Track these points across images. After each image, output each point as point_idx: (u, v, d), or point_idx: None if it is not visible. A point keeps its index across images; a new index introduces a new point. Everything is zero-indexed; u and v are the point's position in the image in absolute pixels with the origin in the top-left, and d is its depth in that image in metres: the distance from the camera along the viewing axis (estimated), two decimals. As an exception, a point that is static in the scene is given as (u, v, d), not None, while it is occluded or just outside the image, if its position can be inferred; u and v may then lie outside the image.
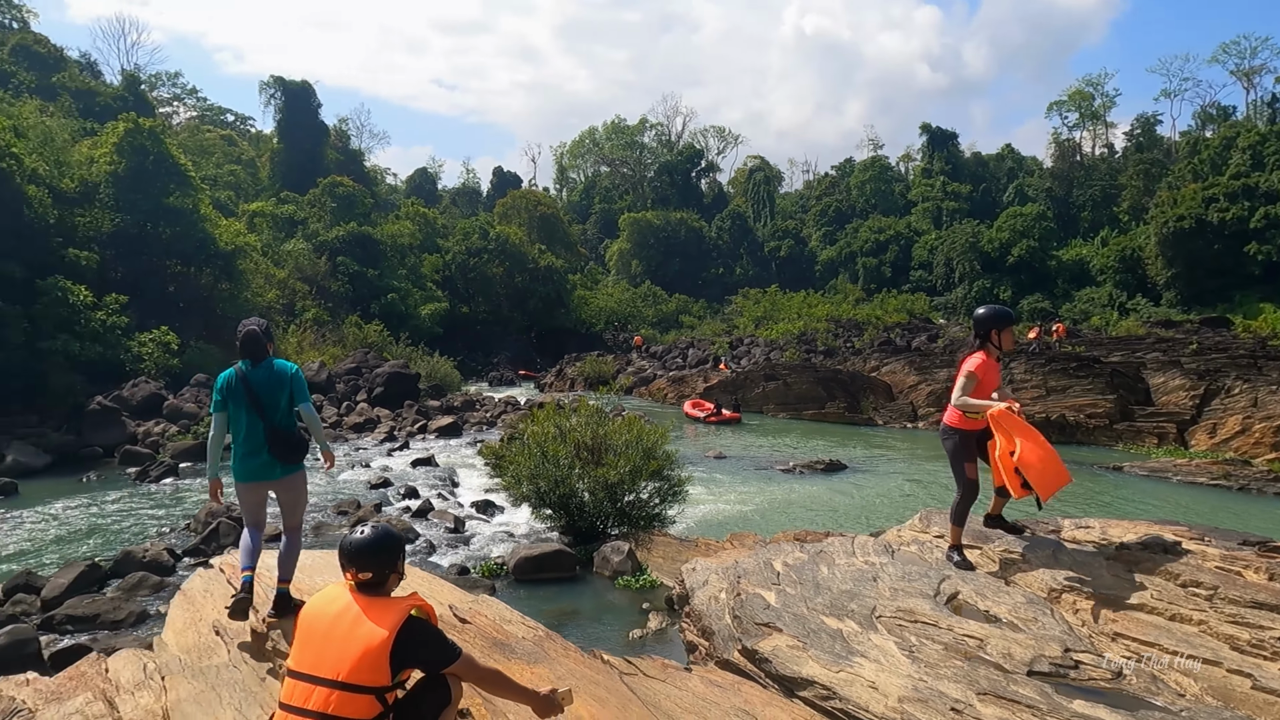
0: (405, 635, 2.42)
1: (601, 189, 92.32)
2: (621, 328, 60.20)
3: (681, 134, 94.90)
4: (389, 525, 2.62)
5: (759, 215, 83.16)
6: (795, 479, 18.35)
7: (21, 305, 22.19)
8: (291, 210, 41.12)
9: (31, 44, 45.90)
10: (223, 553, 12.82)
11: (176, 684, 2.99)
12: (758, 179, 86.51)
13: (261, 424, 4.19)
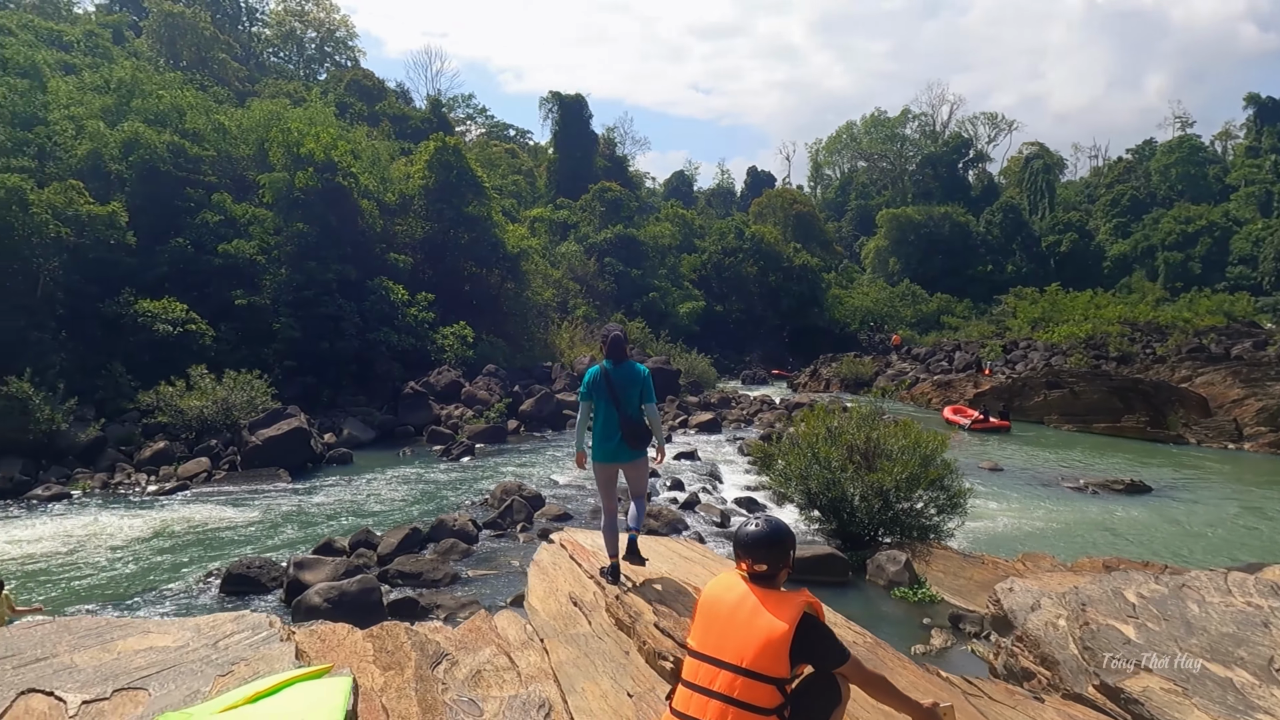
0: (803, 630, 2.48)
1: (858, 185, 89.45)
2: (877, 328, 58.02)
3: (947, 123, 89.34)
4: (779, 520, 2.70)
5: (1035, 207, 75.99)
6: (1089, 499, 16.55)
7: (355, 302, 25.94)
8: (565, 215, 44.28)
9: (361, 79, 53.55)
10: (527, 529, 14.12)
11: (555, 647, 3.32)
12: (1035, 167, 79.04)
13: (617, 414, 4.80)
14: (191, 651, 2.82)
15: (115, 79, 26.82)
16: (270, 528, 14.88)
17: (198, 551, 13.33)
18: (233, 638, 2.95)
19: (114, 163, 23.91)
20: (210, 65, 42.38)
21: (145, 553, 13.12)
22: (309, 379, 24.41)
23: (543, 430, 24.78)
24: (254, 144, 28.40)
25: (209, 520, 15.26)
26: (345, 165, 26.63)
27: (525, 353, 31.00)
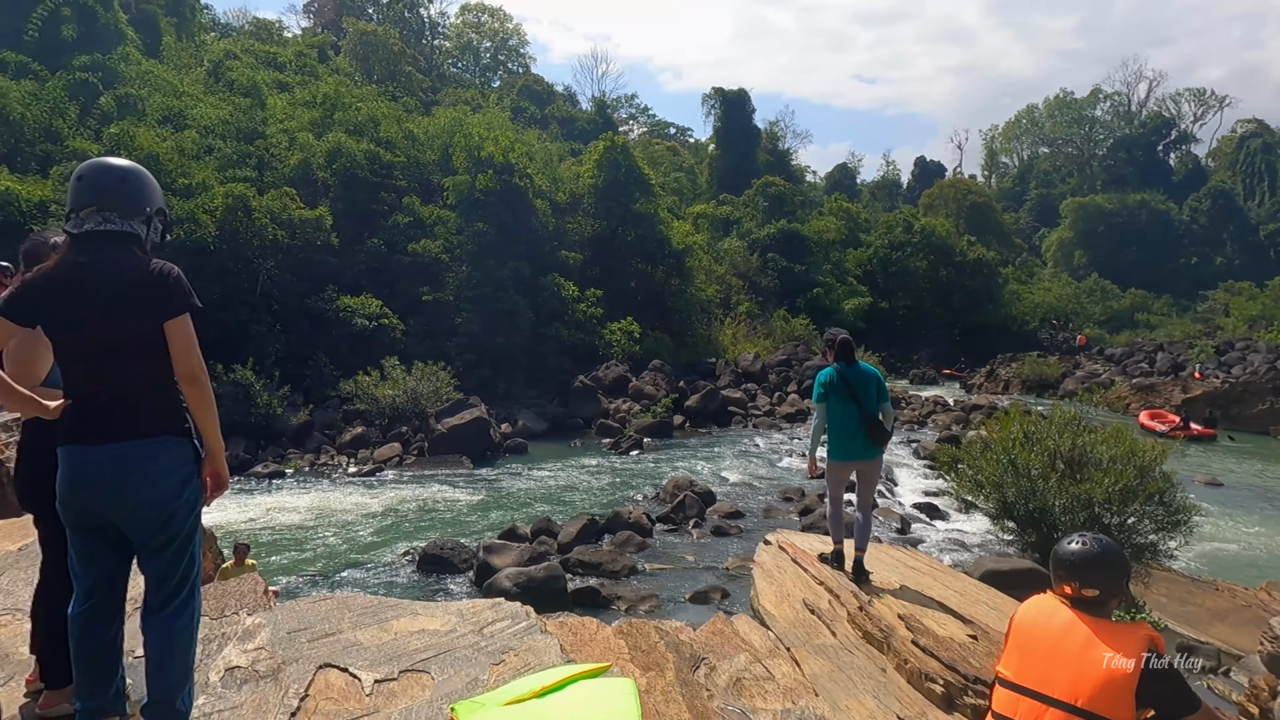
0: (1151, 670, 2.19)
1: (1039, 172, 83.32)
2: (1061, 326, 53.86)
3: (1145, 102, 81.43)
4: (1109, 540, 2.40)
5: (1252, 191, 67.89)
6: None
7: (528, 298, 26.96)
8: (729, 211, 44.06)
9: (531, 84, 55.72)
10: (700, 525, 14.13)
11: (805, 658, 3.19)
12: (1252, 147, 70.52)
13: (859, 412, 4.82)
14: (460, 637, 2.91)
15: (321, 94, 29.33)
16: (457, 512, 15.72)
17: (395, 530, 14.30)
18: (495, 625, 3.03)
19: (320, 170, 26.11)
20: (398, 78, 45.44)
21: (351, 528, 14.20)
22: (485, 371, 25.61)
23: (708, 426, 24.74)
24: (438, 149, 30.15)
25: (403, 501, 16.33)
26: (521, 167, 27.75)
27: (689, 349, 31.10)
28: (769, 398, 27.74)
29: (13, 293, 2.35)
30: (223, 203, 22.53)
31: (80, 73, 25.24)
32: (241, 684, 2.53)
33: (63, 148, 23.49)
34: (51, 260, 2.39)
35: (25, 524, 3.91)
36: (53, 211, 20.97)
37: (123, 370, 2.33)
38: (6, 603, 3.03)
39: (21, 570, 3.33)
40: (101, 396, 2.33)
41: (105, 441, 2.31)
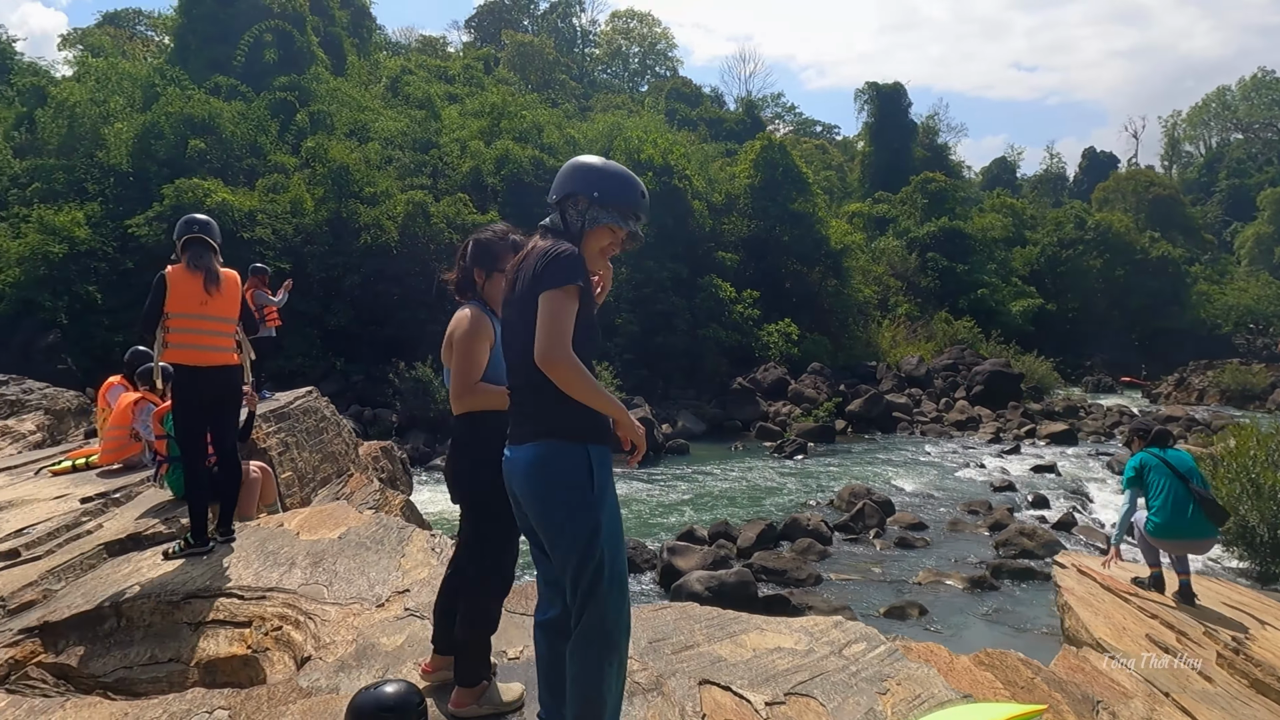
0: None
1: (1231, 161, 75.53)
2: (1260, 330, 48.59)
3: (1364, 78, 72.18)
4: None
5: None
6: None
7: (685, 299, 27.01)
8: (885, 209, 42.59)
9: (680, 87, 55.98)
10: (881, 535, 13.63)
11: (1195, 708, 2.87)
12: None
13: (1186, 490, 4.69)
14: (824, 659, 2.79)
15: (489, 104, 30.60)
16: (629, 511, 15.88)
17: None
18: (853, 647, 2.90)
19: (490, 177, 27.21)
20: (553, 86, 46.82)
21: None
22: (644, 371, 25.86)
23: (871, 432, 23.92)
24: (597, 153, 30.68)
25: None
26: (680, 168, 27.85)
27: (846, 351, 30.23)
28: (934, 403, 26.52)
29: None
30: (404, 209, 23.88)
31: (280, 92, 27.48)
32: (630, 696, 2.51)
33: (265, 161, 25.64)
34: (520, 256, 2.42)
35: (339, 512, 4.14)
36: (259, 220, 22.91)
37: (529, 366, 2.32)
38: (350, 591, 3.17)
39: (348, 558, 3.49)
40: (518, 395, 2.36)
41: (515, 444, 2.34)
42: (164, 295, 3.86)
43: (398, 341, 23.16)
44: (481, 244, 2.78)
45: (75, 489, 4.81)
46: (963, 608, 10.64)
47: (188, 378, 3.79)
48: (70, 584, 3.27)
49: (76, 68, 30.12)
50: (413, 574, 3.25)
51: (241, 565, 3.26)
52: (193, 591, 3.01)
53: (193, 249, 3.93)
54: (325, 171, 24.17)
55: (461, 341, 2.60)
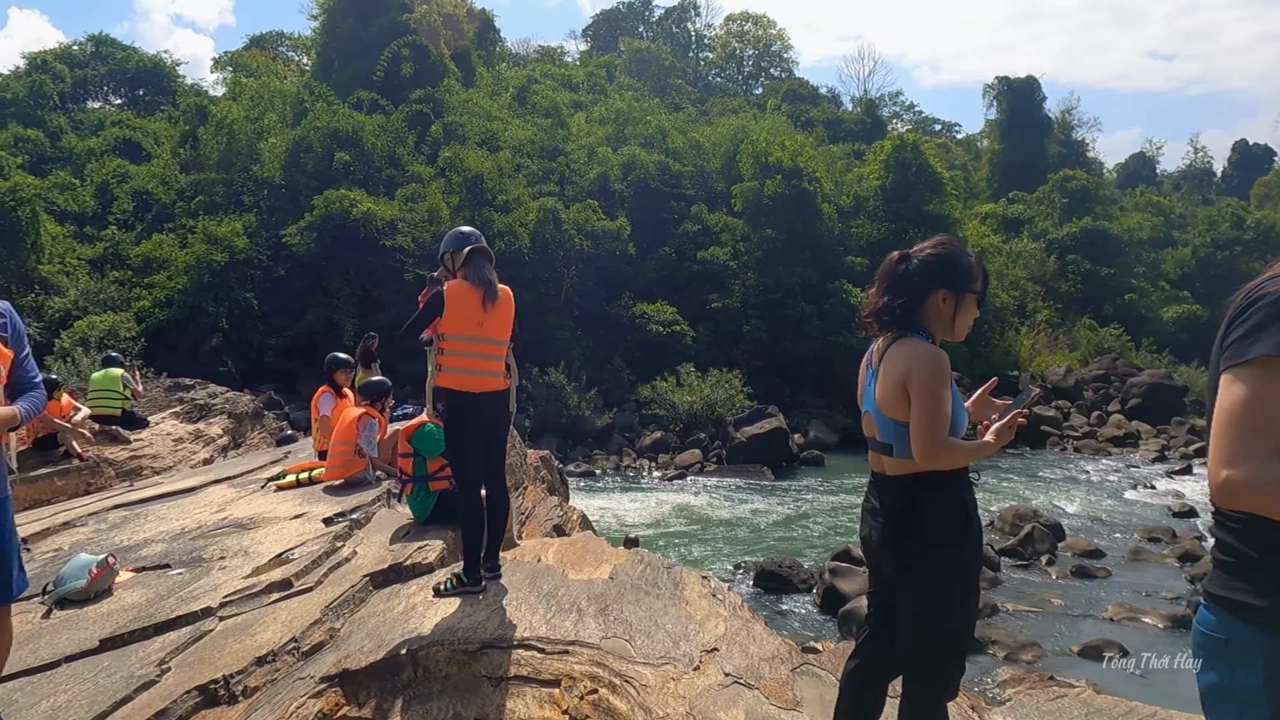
0: None
1: None
2: None
3: None
4: None
5: None
6: None
7: (814, 305, 26.23)
8: (1020, 209, 40.37)
9: (796, 88, 54.86)
10: (1054, 562, 12.66)
11: None
12: None
13: None
14: None
15: (614, 110, 30.71)
16: (775, 523, 15.40)
17: (720, 540, 14.24)
18: None
19: (617, 183, 27.26)
20: (669, 91, 46.70)
21: (677, 535, 14.34)
22: (772, 379, 25.26)
23: (1019, 448, 22.50)
24: (721, 157, 30.33)
25: (715, 509, 16.32)
26: (810, 170, 27.11)
27: (983, 360, 28.66)
28: (1085, 417, 24.78)
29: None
30: (536, 216, 24.15)
31: (416, 105, 28.38)
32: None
33: (403, 172, 26.49)
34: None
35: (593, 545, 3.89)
36: (400, 229, 23.63)
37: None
38: (655, 648, 2.82)
39: (632, 604, 3.19)
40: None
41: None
42: (440, 312, 3.62)
43: (529, 347, 23.29)
44: (947, 258, 2.27)
45: (309, 506, 4.78)
46: (1168, 649, 9.64)
47: (462, 405, 3.60)
48: (348, 621, 3.12)
49: (230, 88, 32.05)
50: (709, 628, 2.95)
51: (525, 610, 3.03)
52: (487, 641, 2.78)
53: (474, 261, 3.72)
54: (460, 180, 24.74)
55: (927, 384, 2.10)
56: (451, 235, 3.85)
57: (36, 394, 2.51)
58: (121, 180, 26.03)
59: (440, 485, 4.44)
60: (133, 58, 35.36)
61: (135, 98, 35.01)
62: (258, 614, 3.15)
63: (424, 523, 4.39)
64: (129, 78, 35.32)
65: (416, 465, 4.46)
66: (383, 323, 23.30)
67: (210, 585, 3.47)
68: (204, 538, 4.32)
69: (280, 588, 3.39)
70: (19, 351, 2.46)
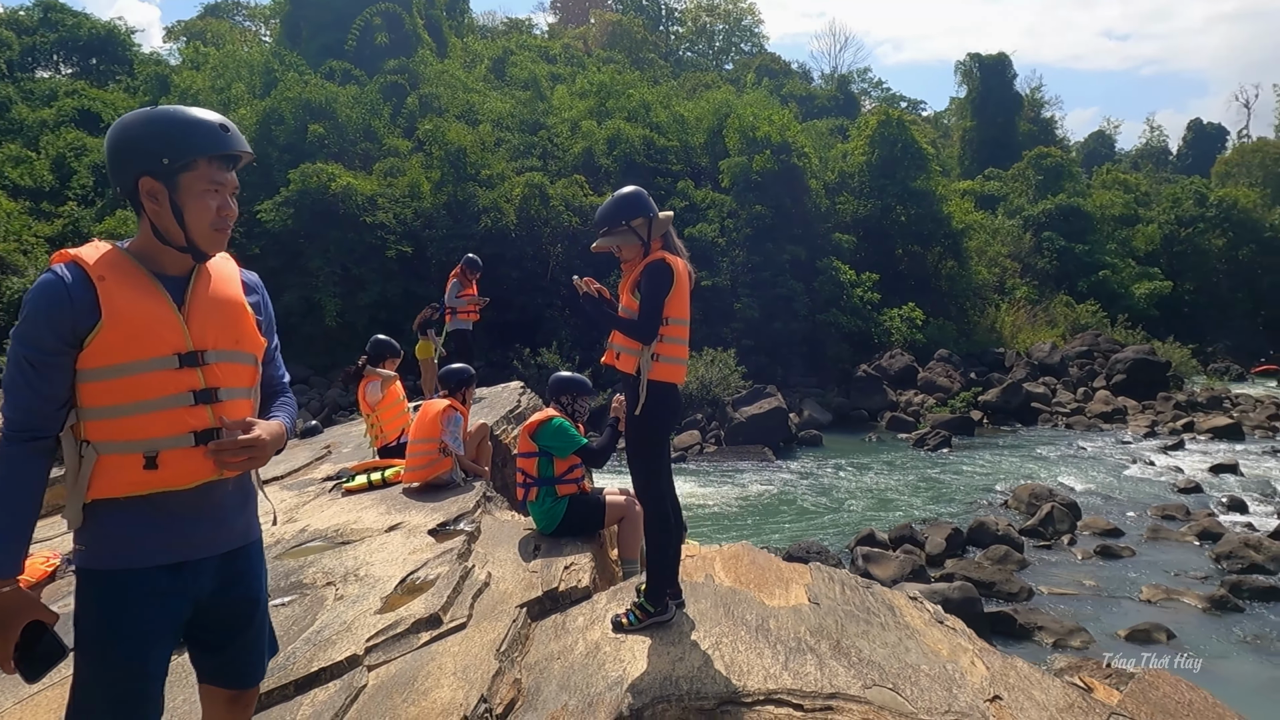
0: None
1: (1361, 130, 70.06)
2: None
3: None
4: None
5: None
6: None
7: (803, 283, 25.91)
8: (996, 187, 40.53)
9: (769, 63, 54.38)
10: (1075, 543, 12.53)
11: None
12: None
13: None
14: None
15: (595, 83, 29.84)
16: (786, 506, 15.10)
17: (734, 525, 13.87)
18: None
19: (602, 158, 26.50)
20: (644, 65, 45.80)
21: (690, 521, 13.92)
22: (763, 358, 24.93)
23: (1010, 424, 22.55)
24: (705, 132, 29.72)
25: (720, 492, 15.97)
26: (799, 146, 26.67)
27: (969, 337, 28.73)
28: (1071, 393, 24.95)
29: None
30: (522, 191, 23.36)
31: (391, 75, 27.23)
32: None
33: (380, 145, 25.42)
34: None
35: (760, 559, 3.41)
36: (380, 205, 22.66)
37: None
38: (928, 698, 2.36)
39: (861, 637, 2.73)
40: None
41: None
42: (671, 290, 3.06)
43: (518, 326, 22.74)
44: None
45: (401, 515, 4.21)
46: (1214, 633, 9.54)
47: (674, 401, 3.11)
48: (525, 668, 2.60)
49: (189, 57, 30.43)
50: (968, 668, 2.49)
51: (745, 649, 2.55)
52: (723, 695, 2.30)
53: (671, 232, 3.18)
54: (441, 154, 23.79)
55: None
56: (636, 196, 3.21)
57: (290, 399, 1.94)
58: (80, 153, 24.52)
59: (569, 489, 3.93)
60: (84, 24, 33.36)
61: (88, 67, 33.08)
62: (415, 661, 2.61)
63: (552, 534, 3.87)
64: (81, 46, 33.34)
65: (542, 466, 3.93)
66: (365, 301, 22.44)
67: (339, 624, 2.91)
68: (291, 556, 3.74)
69: (429, 624, 2.85)
70: (270, 340, 1.89)
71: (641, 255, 3.13)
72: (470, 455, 5.05)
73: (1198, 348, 40.40)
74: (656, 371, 3.01)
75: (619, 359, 3.13)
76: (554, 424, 4.09)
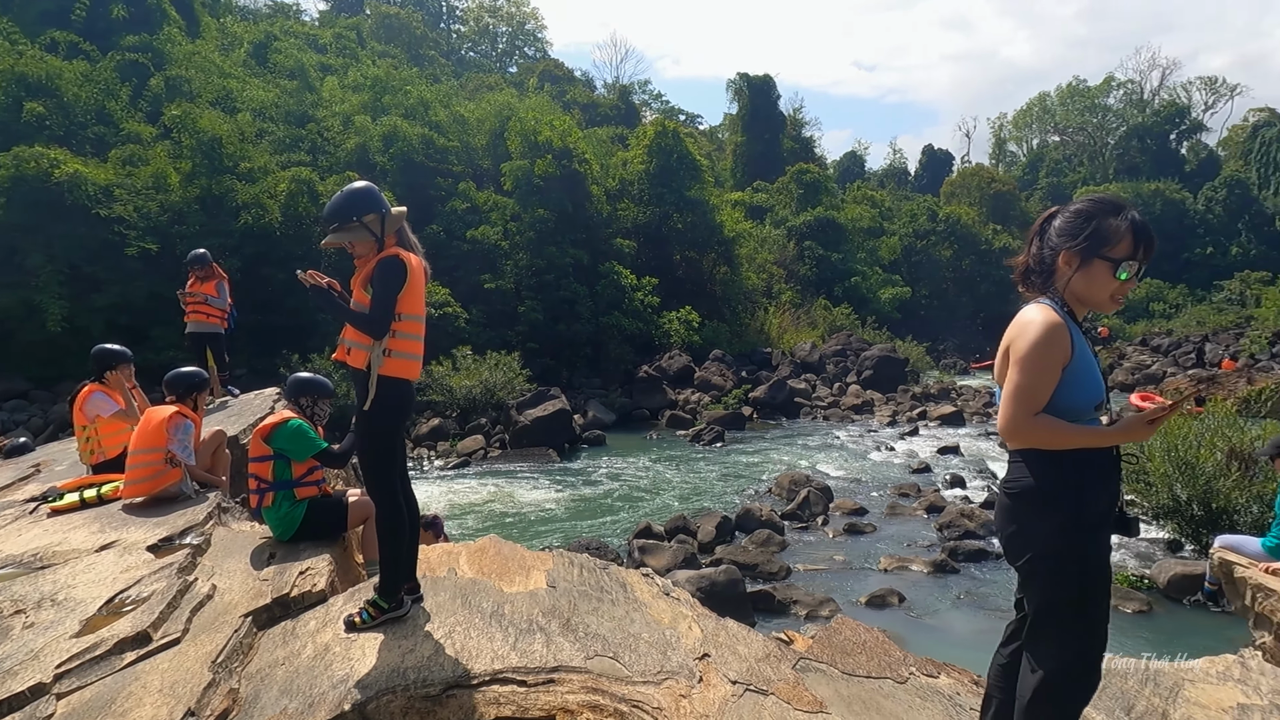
0: None
1: (1050, 162, 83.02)
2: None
3: (1158, 90, 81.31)
4: None
5: (1267, 181, 67.83)
6: None
7: (587, 286, 26.46)
8: (763, 198, 43.62)
9: (552, 69, 54.89)
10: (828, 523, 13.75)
11: None
12: (1266, 136, 70.41)
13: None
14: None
15: (370, 76, 28.56)
16: (571, 506, 15.32)
17: (520, 527, 13.85)
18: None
19: (378, 155, 25.43)
20: (423, 62, 44.56)
21: (475, 526, 13.75)
22: (548, 361, 25.17)
23: (777, 418, 24.38)
24: (487, 134, 29.47)
25: (506, 496, 15.92)
26: (580, 152, 27.16)
27: (741, 338, 30.72)
28: (829, 388, 27.42)
29: None
30: (287, 187, 21.87)
31: (130, 53, 24.41)
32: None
33: (117, 130, 22.71)
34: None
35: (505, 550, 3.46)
36: (117, 196, 20.28)
37: None
38: (646, 662, 2.53)
39: (593, 614, 2.86)
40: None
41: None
42: (403, 286, 2.98)
43: (286, 330, 21.27)
44: (1085, 213, 2.19)
45: (116, 533, 3.78)
46: (934, 591, 10.90)
47: (406, 396, 3.03)
48: (243, 678, 2.48)
49: None
50: (685, 632, 2.69)
51: (477, 635, 2.58)
52: (450, 680, 2.32)
53: (405, 229, 3.11)
54: (193, 144, 21.67)
55: (1024, 351, 2.02)
56: (368, 191, 3.16)
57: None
58: None
59: (309, 492, 3.75)
60: None
61: None
62: (116, 683, 2.40)
63: (290, 540, 3.67)
64: None
65: (279, 469, 3.72)
66: (102, 304, 19.95)
67: (27, 652, 2.60)
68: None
69: (136, 643, 2.62)
70: None
71: (375, 251, 3.09)
72: (204, 465, 4.68)
73: (931, 346, 46.07)
74: (388, 367, 2.99)
75: (350, 354, 3.07)
76: (291, 426, 3.91)
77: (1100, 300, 2.22)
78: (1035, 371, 2.00)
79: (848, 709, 2.41)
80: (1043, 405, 2.02)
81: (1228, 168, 71.73)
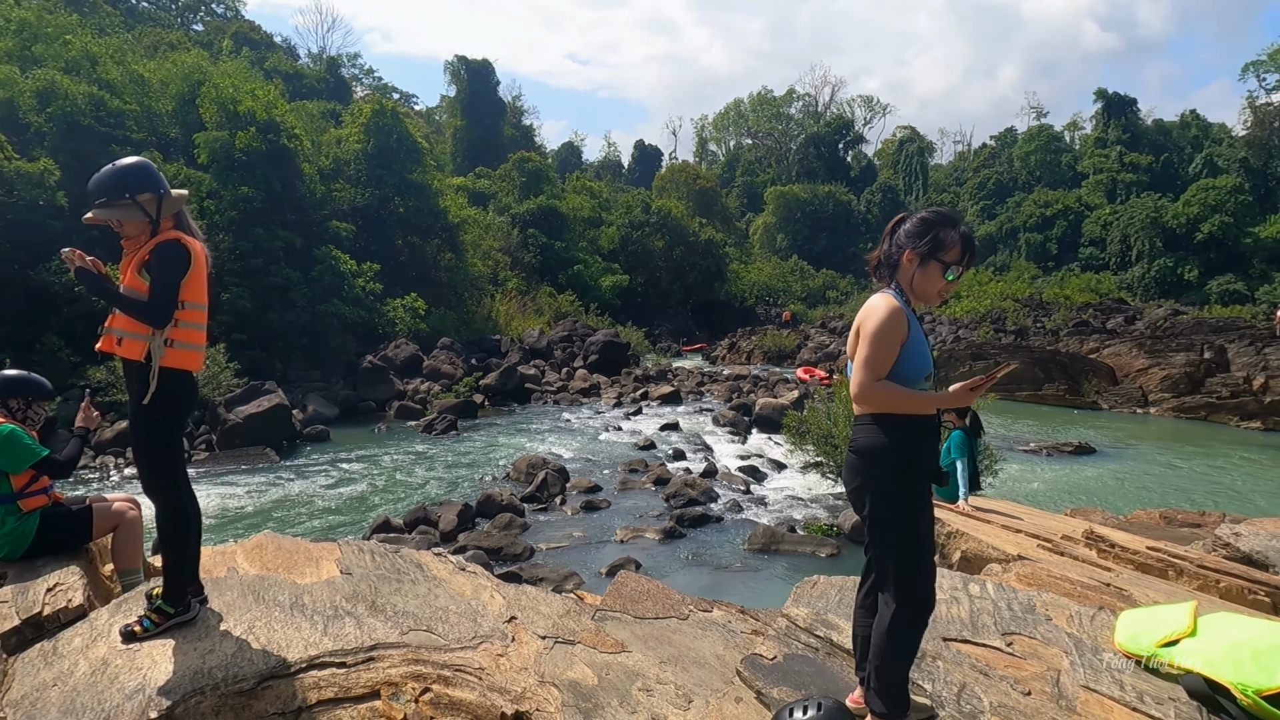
0: None
1: (745, 162, 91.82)
2: (774, 302, 60.40)
3: (829, 104, 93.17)
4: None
5: (910, 188, 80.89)
6: (1047, 460, 18.39)
7: (301, 271, 24.70)
8: (486, 185, 43.39)
9: (248, 31, 49.85)
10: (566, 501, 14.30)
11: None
12: (909, 150, 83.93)
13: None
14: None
15: (16, 20, 23.94)
16: (294, 507, 14.36)
17: (237, 536, 12.72)
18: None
19: (32, 114, 21.53)
20: (82, 7, 38.26)
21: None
22: (258, 353, 23.19)
23: (508, 404, 24.64)
24: (173, 98, 26.19)
25: (224, 502, 14.54)
26: (288, 126, 25.12)
27: (470, 326, 30.51)
28: (557, 373, 28.23)
29: None
30: (-94, 147, 17.84)
31: None
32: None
33: None
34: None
35: (286, 544, 3.35)
36: None
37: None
38: (460, 630, 2.64)
39: (396, 594, 2.93)
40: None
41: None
42: (187, 272, 2.74)
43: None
44: (928, 221, 2.62)
45: None
46: (666, 554, 11.90)
47: (188, 389, 2.73)
48: (10, 706, 2.21)
49: None
50: (489, 600, 2.83)
51: (283, 626, 2.51)
52: (264, 671, 2.27)
53: (184, 211, 2.81)
54: None
55: (872, 329, 2.48)
56: (143, 167, 2.87)
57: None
58: None
59: (36, 502, 3.29)
60: None
61: None
62: None
63: (23, 558, 3.21)
64: None
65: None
66: None
67: None
68: None
69: None
70: None
71: (149, 233, 2.85)
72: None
73: (648, 330, 49.09)
74: (170, 358, 2.80)
75: (121, 345, 2.82)
76: (1, 433, 3.43)
77: (930, 294, 2.61)
78: (879, 345, 2.44)
79: (645, 645, 2.76)
80: (885, 373, 2.47)
81: (882, 175, 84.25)
